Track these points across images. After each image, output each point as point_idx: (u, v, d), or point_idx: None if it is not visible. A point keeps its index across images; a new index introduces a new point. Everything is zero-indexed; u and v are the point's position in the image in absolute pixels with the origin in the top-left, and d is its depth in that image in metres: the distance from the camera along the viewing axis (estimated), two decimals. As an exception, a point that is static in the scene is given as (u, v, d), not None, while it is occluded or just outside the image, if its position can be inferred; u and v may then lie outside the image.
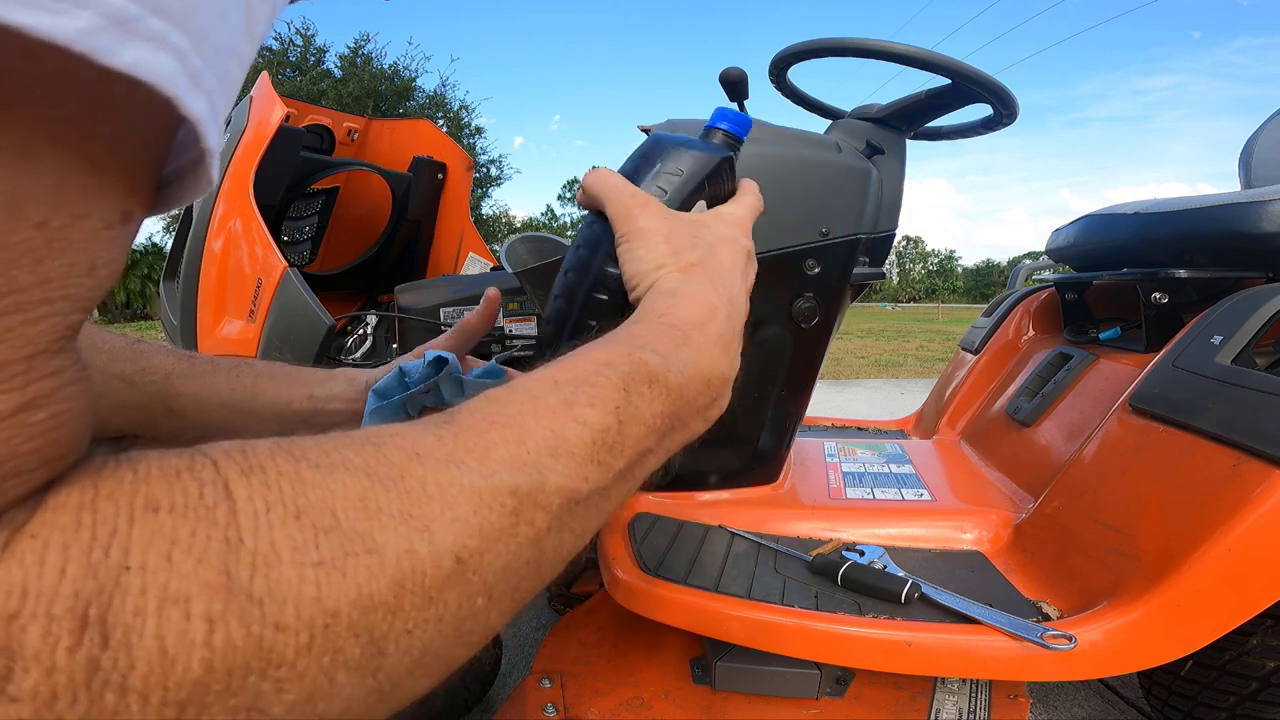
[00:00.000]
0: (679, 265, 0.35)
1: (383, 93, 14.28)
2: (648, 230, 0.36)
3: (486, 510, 0.21)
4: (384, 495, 0.19)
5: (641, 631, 0.91)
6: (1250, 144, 1.44)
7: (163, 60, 0.15)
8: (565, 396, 0.25)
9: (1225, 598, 0.62)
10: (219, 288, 0.98)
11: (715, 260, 0.36)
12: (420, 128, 1.43)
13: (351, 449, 0.20)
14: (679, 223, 0.38)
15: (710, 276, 0.35)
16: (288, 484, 0.18)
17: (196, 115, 0.16)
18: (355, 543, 0.18)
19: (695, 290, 0.34)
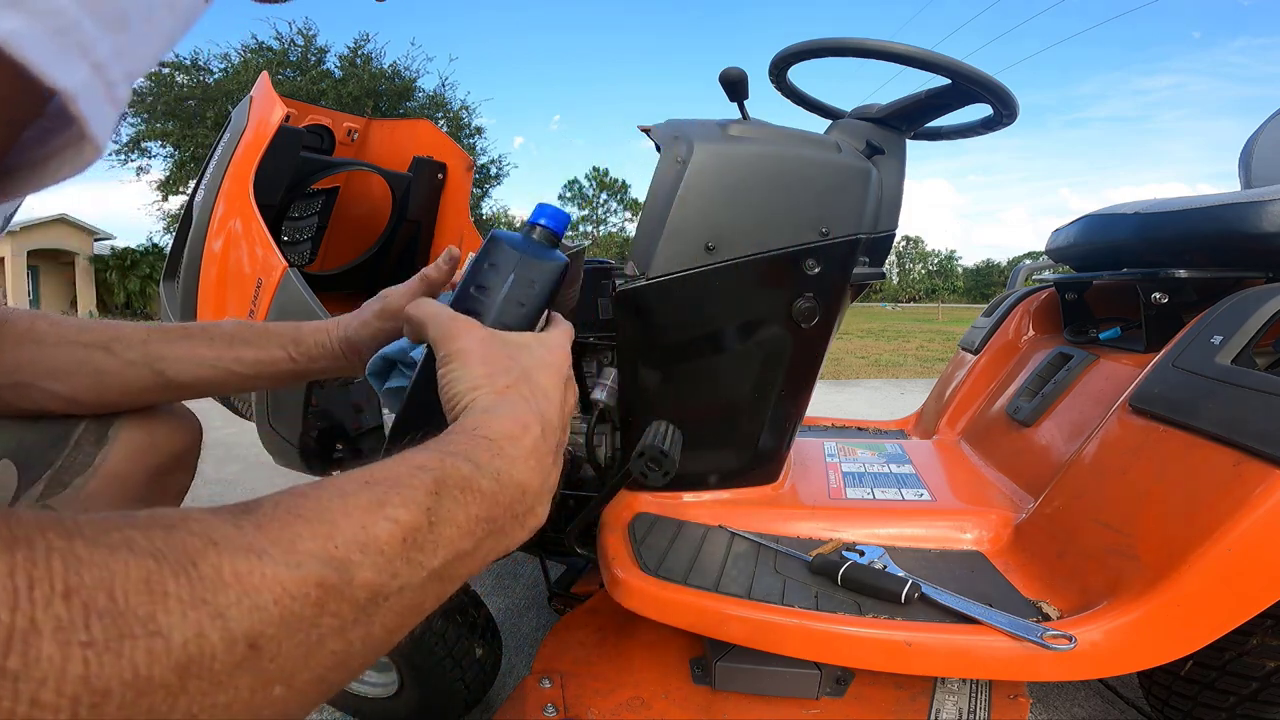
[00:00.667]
0: (495, 387, 0.37)
1: (383, 93, 14.28)
2: (465, 352, 0.38)
3: (289, 600, 0.21)
4: (173, 580, 0.19)
5: (641, 631, 0.91)
6: (1250, 144, 1.44)
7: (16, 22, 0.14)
8: (376, 496, 0.26)
9: (1225, 598, 0.62)
10: (219, 287, 0.98)
11: (531, 383, 0.38)
12: (420, 128, 1.43)
13: (138, 530, 0.20)
14: (496, 346, 0.40)
15: (525, 397, 0.37)
16: (58, 560, 0.17)
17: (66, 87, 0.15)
18: (135, 625, 0.18)
19: (509, 409, 0.35)
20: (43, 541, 0.17)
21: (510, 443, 0.34)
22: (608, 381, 0.88)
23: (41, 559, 0.17)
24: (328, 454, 1.01)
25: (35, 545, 0.17)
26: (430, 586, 0.27)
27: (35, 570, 0.17)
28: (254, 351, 0.57)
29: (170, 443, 0.63)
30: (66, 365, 0.53)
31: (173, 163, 14.31)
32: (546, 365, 0.41)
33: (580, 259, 0.72)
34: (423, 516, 0.27)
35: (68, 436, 0.55)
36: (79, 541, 0.18)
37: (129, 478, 0.59)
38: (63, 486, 0.54)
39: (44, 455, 0.54)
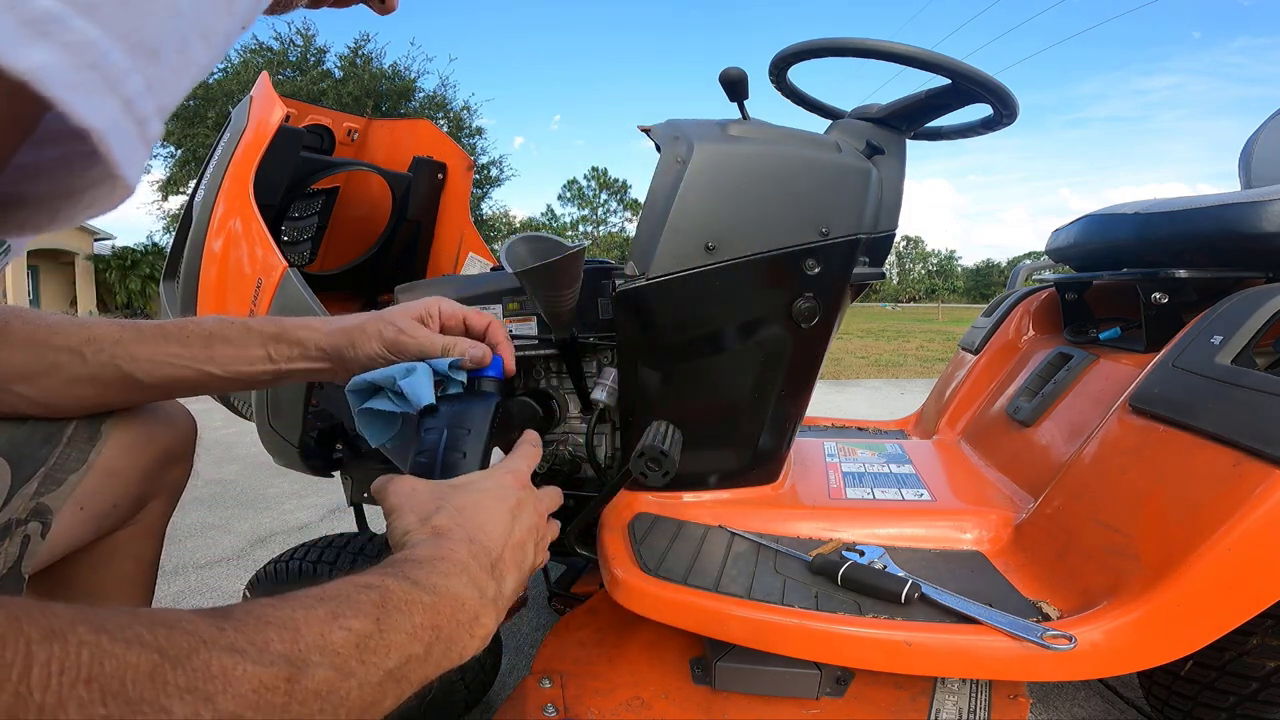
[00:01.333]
0: (425, 529, 0.42)
1: (383, 93, 14.27)
2: (397, 507, 0.44)
3: (264, 690, 0.26)
4: (172, 671, 0.23)
5: (641, 631, 0.91)
6: (1250, 144, 1.44)
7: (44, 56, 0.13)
8: (331, 609, 0.31)
9: (1225, 597, 0.62)
10: (219, 287, 0.97)
11: (461, 514, 0.43)
12: (420, 128, 1.43)
13: (145, 627, 0.24)
14: (425, 494, 0.45)
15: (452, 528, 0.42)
16: (86, 652, 0.21)
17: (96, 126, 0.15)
18: (143, 705, 0.22)
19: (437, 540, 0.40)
20: (75, 636, 0.22)
21: (441, 562, 0.38)
22: (608, 381, 0.88)
23: (73, 650, 0.21)
24: (328, 454, 1.01)
25: (69, 639, 0.21)
26: (388, 686, 0.31)
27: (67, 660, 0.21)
28: (231, 350, 0.56)
29: (164, 438, 0.63)
30: (37, 368, 0.52)
31: (173, 163, 14.31)
32: (481, 493, 0.45)
33: (580, 258, 0.72)
34: (372, 625, 0.31)
35: (60, 434, 0.55)
36: (104, 636, 0.22)
37: (123, 473, 0.59)
38: (57, 484, 0.54)
39: (36, 453, 0.53)
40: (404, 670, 0.32)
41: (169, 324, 0.57)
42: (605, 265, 0.94)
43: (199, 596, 1.49)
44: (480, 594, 0.39)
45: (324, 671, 0.28)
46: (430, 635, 0.34)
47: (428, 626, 0.34)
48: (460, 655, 0.37)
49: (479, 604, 0.38)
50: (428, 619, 0.34)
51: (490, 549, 0.42)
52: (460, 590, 0.38)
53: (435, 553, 0.39)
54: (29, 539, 0.51)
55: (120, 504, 0.60)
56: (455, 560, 0.39)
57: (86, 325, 0.54)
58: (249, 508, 2.08)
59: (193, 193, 1.06)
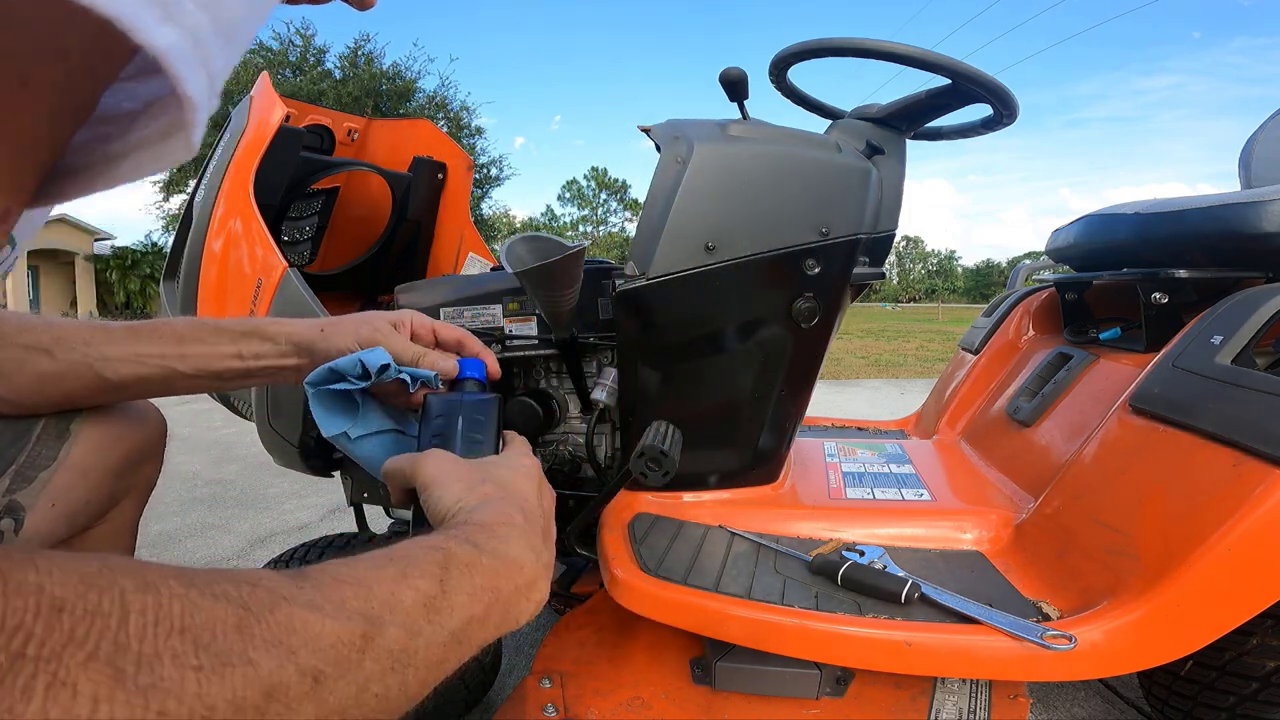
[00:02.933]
0: (475, 496, 0.42)
1: (383, 93, 14.27)
2: (438, 476, 0.44)
3: (341, 645, 0.26)
4: (257, 625, 0.24)
5: (641, 631, 0.91)
6: (1250, 144, 1.44)
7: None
8: (400, 569, 0.31)
9: (1226, 597, 0.62)
10: (219, 288, 0.97)
11: (505, 486, 0.44)
12: (420, 128, 1.43)
13: (230, 584, 0.25)
14: (465, 465, 0.46)
15: (504, 497, 0.43)
16: (178, 604, 0.22)
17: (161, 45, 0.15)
18: (232, 656, 0.22)
19: (492, 506, 0.41)
20: (167, 589, 0.22)
21: (500, 527, 0.39)
22: (608, 381, 0.88)
23: (165, 602, 0.22)
24: (328, 454, 1.01)
25: (161, 590, 0.22)
26: (451, 647, 0.32)
27: (160, 611, 0.22)
28: (200, 348, 0.56)
29: (134, 436, 0.63)
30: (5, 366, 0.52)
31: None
32: (516, 471, 0.47)
33: (580, 258, 0.72)
34: (437, 586, 0.32)
35: (29, 433, 0.56)
36: (194, 590, 0.23)
37: (93, 470, 0.59)
38: (28, 481, 0.54)
39: (6, 451, 0.54)
40: (466, 632, 0.33)
41: (141, 324, 0.57)
42: (605, 265, 0.94)
43: (199, 596, 1.49)
44: (536, 558, 0.40)
45: (395, 630, 0.29)
46: (490, 597, 0.35)
47: (488, 588, 0.35)
48: (516, 620, 0.37)
49: (535, 568, 0.39)
50: (488, 581, 0.35)
51: (538, 517, 0.43)
52: (520, 554, 0.38)
53: (495, 517, 0.40)
54: (2, 535, 0.52)
55: (92, 501, 0.60)
56: (515, 524, 0.40)
57: (56, 324, 0.54)
58: (249, 508, 2.08)
59: (193, 193, 1.06)
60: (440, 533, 0.37)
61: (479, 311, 0.93)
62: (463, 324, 0.94)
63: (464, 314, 0.94)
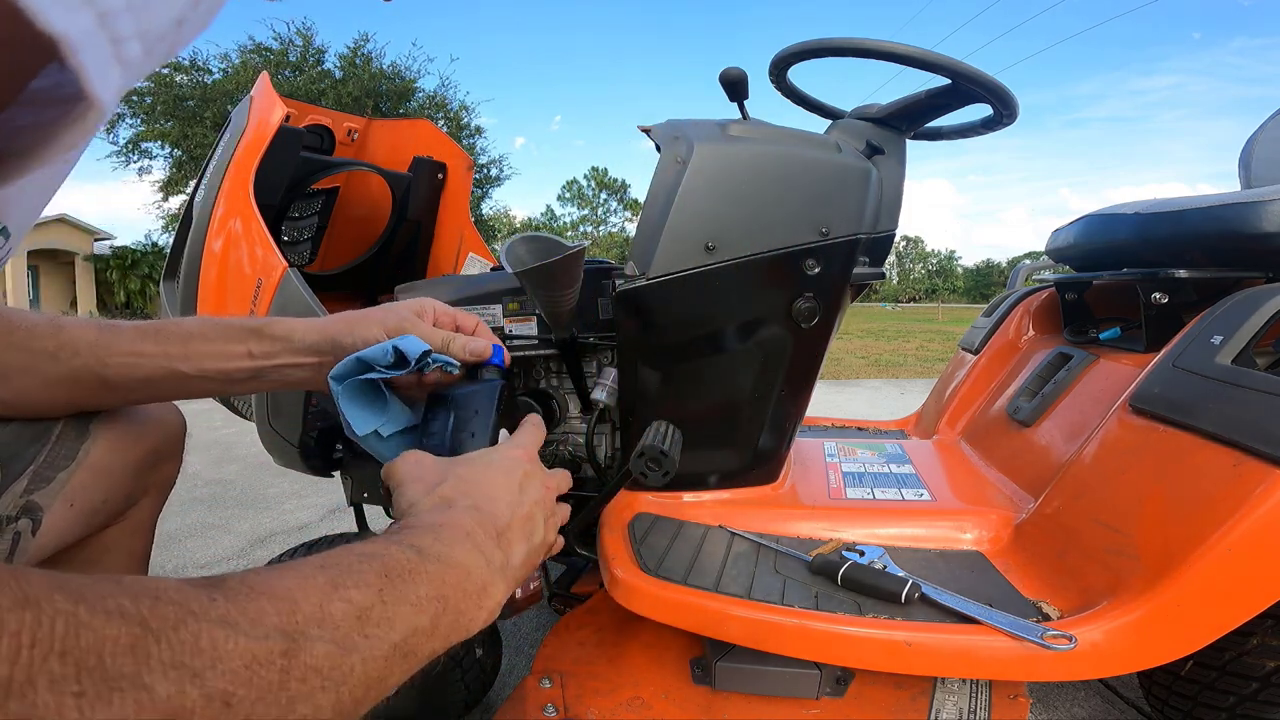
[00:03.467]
0: (431, 500, 0.41)
1: (383, 93, 14.27)
2: (402, 481, 0.43)
3: (257, 666, 0.24)
4: (155, 645, 0.22)
5: (641, 631, 0.91)
6: (1250, 144, 1.44)
7: None
8: (330, 578, 0.29)
9: (1226, 597, 0.62)
10: (219, 288, 0.97)
11: (465, 483, 0.42)
12: (420, 128, 1.42)
13: (128, 598, 0.22)
14: (432, 465, 0.44)
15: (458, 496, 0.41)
16: (60, 623, 0.20)
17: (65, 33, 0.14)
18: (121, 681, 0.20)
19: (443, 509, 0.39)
20: (50, 605, 0.20)
21: (446, 529, 0.37)
22: (608, 381, 0.88)
23: (46, 620, 0.20)
24: (328, 454, 1.01)
25: (43, 607, 0.20)
26: (393, 660, 0.30)
27: (39, 630, 0.19)
28: (206, 346, 0.54)
29: (152, 436, 0.63)
30: (12, 369, 0.51)
31: (172, 163, 14.30)
32: (486, 465, 0.45)
33: (580, 258, 0.72)
34: (374, 595, 0.30)
35: (48, 432, 0.55)
36: (82, 607, 0.21)
37: (112, 470, 0.59)
38: (46, 481, 0.54)
39: (25, 452, 0.53)
40: (410, 644, 0.31)
41: (148, 324, 0.55)
42: (605, 265, 0.94)
43: (199, 596, 1.49)
44: (487, 562, 0.37)
45: (323, 646, 0.27)
46: (437, 606, 0.33)
47: (434, 597, 0.33)
48: (468, 628, 0.36)
49: (486, 573, 0.37)
50: (433, 589, 0.33)
51: (497, 517, 0.41)
52: (465, 558, 0.36)
53: (438, 520, 0.38)
54: (19, 536, 0.52)
55: (110, 500, 0.60)
56: (459, 527, 0.38)
57: (62, 327, 0.52)
58: (249, 508, 2.08)
59: (192, 193, 1.06)
60: (380, 538, 0.35)
61: (479, 311, 0.93)
62: (463, 324, 0.94)
63: (464, 314, 0.94)
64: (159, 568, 1.62)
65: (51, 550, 0.56)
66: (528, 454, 0.49)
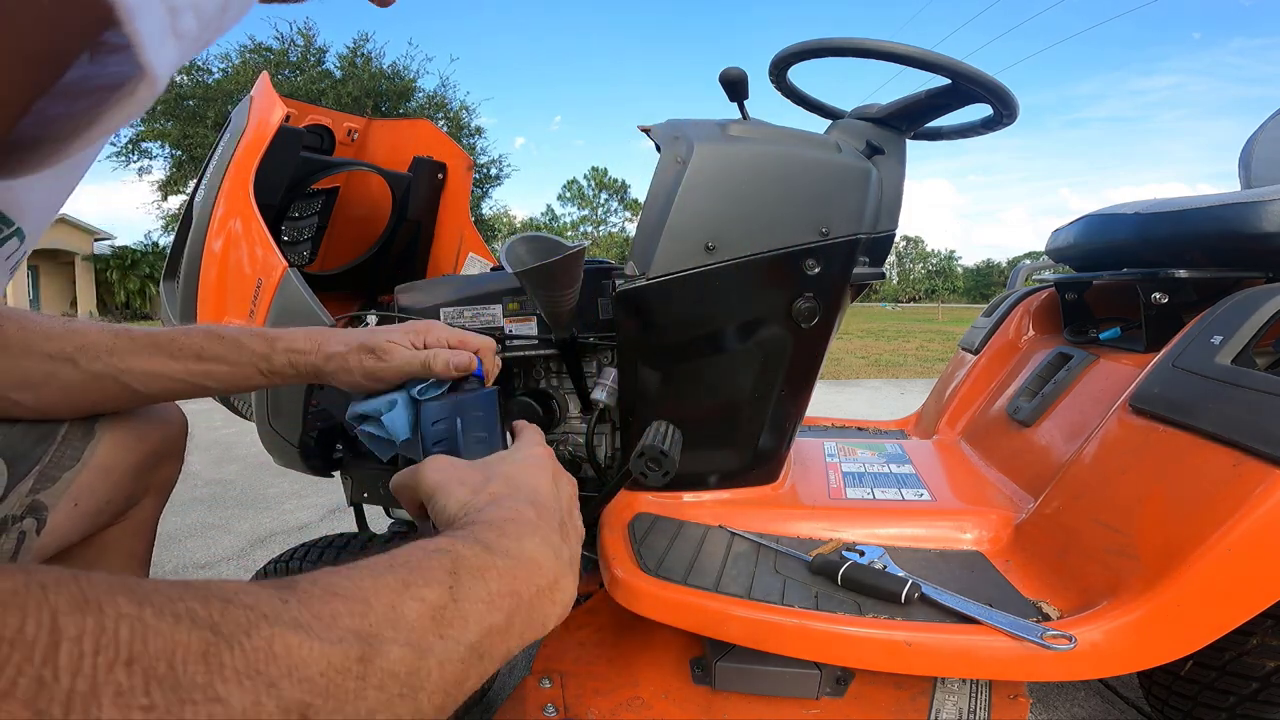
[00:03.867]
0: (482, 496, 0.39)
1: (383, 93, 14.27)
2: (442, 484, 0.40)
3: (334, 673, 0.22)
4: (228, 652, 0.20)
5: (641, 631, 0.91)
6: (1250, 144, 1.44)
7: None
8: (402, 577, 0.28)
9: (1226, 597, 0.62)
10: (219, 287, 0.97)
11: (513, 482, 0.41)
12: (420, 128, 1.42)
13: (197, 601, 0.21)
14: (469, 467, 0.42)
15: (512, 493, 0.39)
16: (126, 627, 0.18)
17: None
18: (194, 692, 0.18)
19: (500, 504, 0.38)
20: (112, 608, 0.18)
21: (511, 524, 0.35)
22: (608, 381, 0.88)
23: (110, 625, 0.18)
24: (328, 454, 1.01)
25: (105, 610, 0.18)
26: (471, 663, 0.28)
27: (103, 637, 0.17)
28: (224, 368, 0.56)
29: (155, 436, 0.63)
30: (33, 377, 0.52)
31: (172, 163, 14.31)
32: (524, 463, 0.44)
33: (580, 258, 0.72)
34: (446, 594, 0.28)
35: (54, 433, 0.56)
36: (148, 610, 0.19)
37: (116, 469, 0.60)
38: (52, 481, 0.55)
39: (32, 452, 0.54)
40: (486, 644, 0.29)
41: (159, 335, 0.56)
42: (605, 265, 0.94)
43: (199, 596, 1.49)
44: (555, 555, 0.36)
45: (399, 649, 0.25)
46: (510, 603, 0.31)
47: (506, 593, 0.31)
48: (543, 625, 0.34)
49: (557, 566, 0.35)
50: (505, 585, 0.31)
51: (553, 510, 0.40)
52: (536, 552, 0.34)
53: (503, 514, 0.36)
54: (25, 535, 0.52)
55: (113, 500, 0.61)
56: (526, 520, 0.36)
57: (79, 332, 0.53)
58: (249, 508, 2.08)
59: (192, 193, 1.06)
60: (445, 535, 0.33)
61: (479, 311, 0.93)
62: (463, 324, 0.94)
63: (464, 314, 0.94)
64: (159, 567, 1.62)
65: (54, 550, 0.56)
66: (549, 452, 0.48)
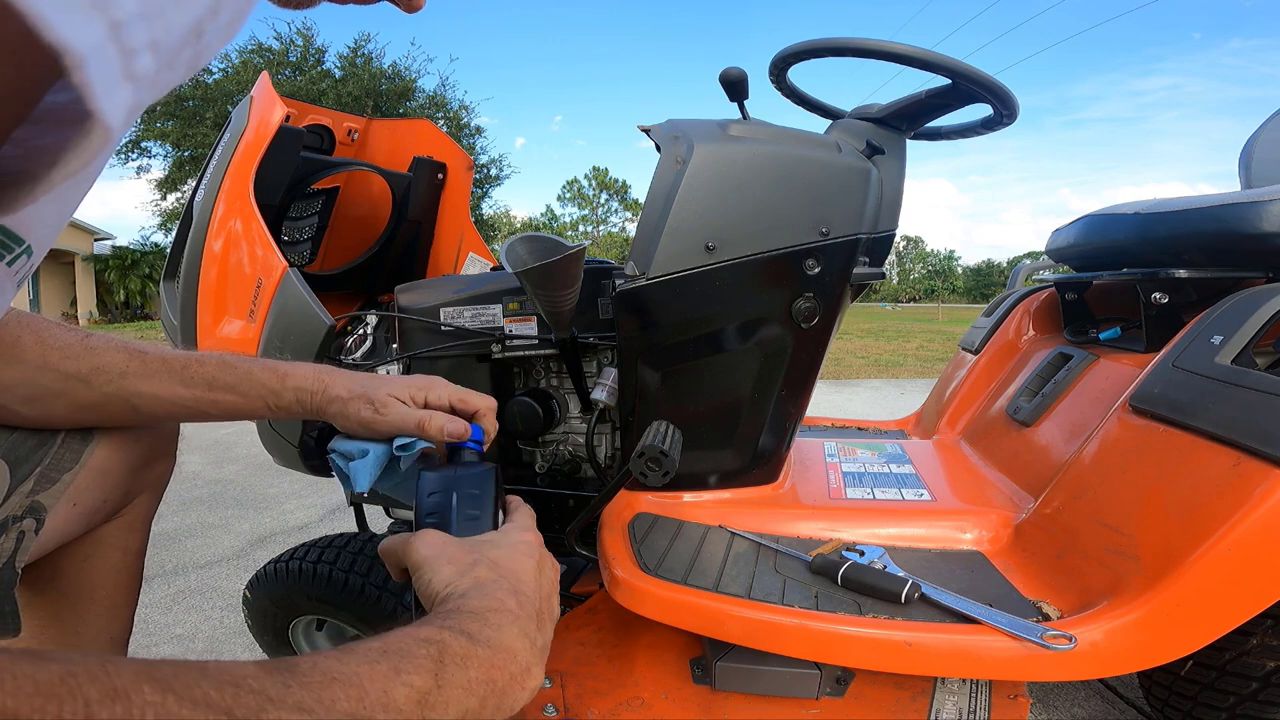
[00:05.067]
0: (467, 580, 0.41)
1: (383, 92, 14.26)
2: (430, 559, 0.43)
3: None
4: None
5: (641, 631, 0.91)
6: (1250, 144, 1.44)
7: None
8: (393, 664, 0.31)
9: (1225, 597, 0.62)
10: (219, 288, 0.97)
11: (499, 567, 0.43)
12: (420, 128, 1.42)
13: (213, 687, 0.23)
14: (457, 546, 0.45)
15: (496, 579, 0.42)
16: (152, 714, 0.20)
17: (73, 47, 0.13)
18: None
19: (484, 590, 0.40)
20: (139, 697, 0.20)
21: (493, 614, 0.38)
22: (608, 381, 0.88)
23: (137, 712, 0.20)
24: (327, 454, 1.01)
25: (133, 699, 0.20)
26: None
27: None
28: (233, 398, 0.57)
29: (149, 436, 0.65)
30: (44, 393, 0.53)
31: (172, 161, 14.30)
32: (511, 548, 0.46)
33: (580, 258, 0.72)
34: (431, 680, 0.31)
35: (54, 436, 0.57)
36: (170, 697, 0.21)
37: (112, 470, 0.61)
38: (51, 483, 0.56)
39: (32, 455, 0.55)
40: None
41: (172, 359, 0.57)
42: (605, 265, 0.94)
43: (199, 596, 1.49)
44: (531, 644, 0.39)
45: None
46: (485, 689, 0.34)
47: (483, 680, 0.34)
48: (511, 708, 0.37)
49: (530, 655, 0.38)
50: (482, 673, 0.34)
51: (533, 599, 0.42)
52: (513, 642, 0.38)
53: (487, 604, 0.39)
54: (24, 535, 0.53)
55: (109, 499, 0.62)
56: (507, 611, 0.39)
57: (96, 351, 0.54)
58: (249, 508, 2.08)
59: (193, 193, 1.07)
60: (433, 622, 0.37)
61: (479, 311, 0.93)
62: (463, 324, 0.94)
63: (464, 314, 0.94)
64: (159, 567, 1.62)
65: (52, 547, 0.58)
66: (538, 537, 0.50)
